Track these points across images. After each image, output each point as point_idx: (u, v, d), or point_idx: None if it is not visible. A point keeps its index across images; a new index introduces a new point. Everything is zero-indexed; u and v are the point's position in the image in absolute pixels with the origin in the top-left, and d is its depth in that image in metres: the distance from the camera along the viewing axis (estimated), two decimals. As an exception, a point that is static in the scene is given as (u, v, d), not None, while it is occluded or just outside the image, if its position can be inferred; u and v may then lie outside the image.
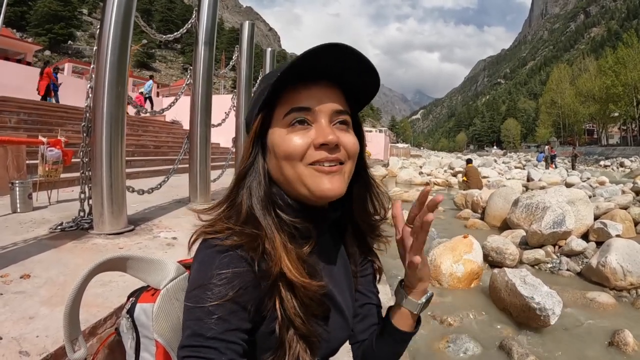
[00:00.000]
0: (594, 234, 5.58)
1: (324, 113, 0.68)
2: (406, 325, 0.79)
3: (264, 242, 0.65)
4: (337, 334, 0.78)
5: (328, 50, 0.63)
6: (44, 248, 2.53)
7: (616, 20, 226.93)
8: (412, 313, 0.78)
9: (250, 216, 0.68)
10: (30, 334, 1.44)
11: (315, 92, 0.68)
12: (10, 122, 8.08)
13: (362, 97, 0.74)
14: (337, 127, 0.69)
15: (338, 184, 0.67)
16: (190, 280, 0.65)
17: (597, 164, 38.47)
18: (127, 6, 3.07)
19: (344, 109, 0.70)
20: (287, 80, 0.66)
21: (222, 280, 0.59)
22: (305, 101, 0.67)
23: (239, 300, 0.60)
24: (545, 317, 3.20)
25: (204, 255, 0.64)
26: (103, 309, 1.64)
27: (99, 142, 3.00)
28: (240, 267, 0.61)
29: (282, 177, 0.70)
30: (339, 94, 0.71)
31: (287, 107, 0.68)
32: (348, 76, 0.68)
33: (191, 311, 0.60)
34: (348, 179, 0.71)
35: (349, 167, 0.70)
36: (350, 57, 0.65)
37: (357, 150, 0.71)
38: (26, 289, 1.83)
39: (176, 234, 3.16)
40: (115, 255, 0.81)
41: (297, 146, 0.66)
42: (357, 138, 0.75)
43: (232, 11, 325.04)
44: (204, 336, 0.57)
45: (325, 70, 0.66)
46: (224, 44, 72.45)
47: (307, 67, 0.65)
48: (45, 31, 78.04)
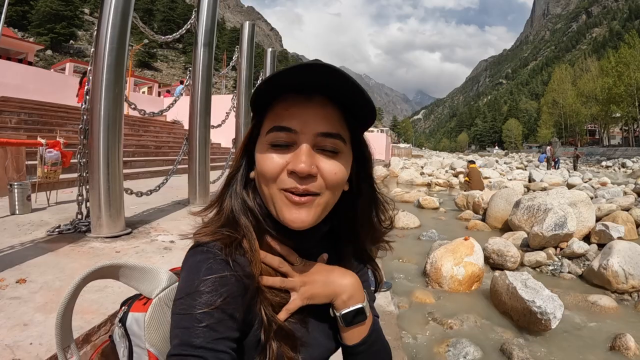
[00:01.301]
0: (596, 236, 5.55)
1: (307, 135, 0.63)
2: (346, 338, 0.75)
3: (242, 242, 0.65)
4: (327, 344, 0.77)
5: (311, 69, 0.58)
6: (41, 251, 2.52)
7: (618, 20, 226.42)
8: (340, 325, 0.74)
9: (231, 219, 0.69)
10: (24, 341, 1.43)
11: (304, 111, 0.63)
12: (10, 122, 8.07)
13: (361, 117, 0.69)
14: (321, 152, 0.64)
15: (304, 216, 0.64)
16: (178, 288, 0.64)
17: (598, 164, 38.43)
18: (124, 7, 3.05)
19: (334, 131, 0.65)
20: (269, 94, 0.64)
21: (209, 287, 0.59)
22: (289, 120, 0.63)
23: (226, 308, 0.59)
24: (546, 320, 3.18)
25: (190, 264, 0.64)
26: (98, 315, 1.63)
27: (96, 144, 2.98)
28: (226, 273, 0.61)
29: (261, 192, 0.69)
30: (333, 113, 0.65)
31: (272, 123, 0.65)
32: (345, 94, 0.63)
33: (179, 319, 0.59)
34: (323, 210, 0.66)
35: (325, 198, 0.65)
36: (339, 77, 0.59)
37: (338, 181, 0.66)
38: (22, 294, 1.82)
39: (174, 237, 3.14)
40: (108, 264, 0.79)
41: (271, 168, 0.64)
42: (360, 157, 0.73)
43: (234, 11, 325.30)
44: (192, 345, 0.56)
45: (319, 84, 0.62)
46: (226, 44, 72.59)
47: (295, 80, 0.61)
48: (47, 31, 78.20)
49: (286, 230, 0.68)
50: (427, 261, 4.52)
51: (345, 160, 0.67)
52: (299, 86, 0.63)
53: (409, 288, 4.26)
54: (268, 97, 0.65)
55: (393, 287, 4.16)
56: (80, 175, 3.32)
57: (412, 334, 3.32)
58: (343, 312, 0.72)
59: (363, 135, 0.74)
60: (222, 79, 42.86)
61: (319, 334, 0.75)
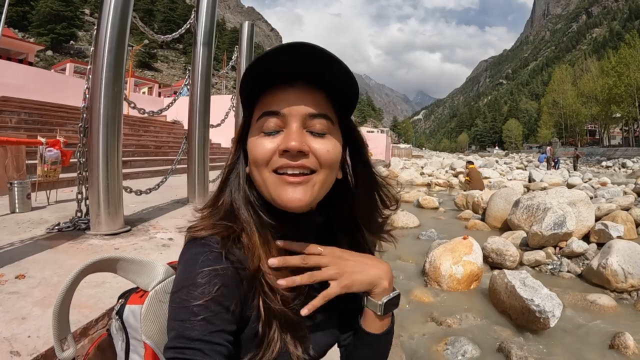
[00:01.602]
0: (595, 236, 5.55)
1: (295, 117, 0.64)
2: (374, 327, 0.75)
3: (241, 235, 0.66)
4: (326, 338, 0.77)
5: (288, 51, 0.59)
6: (40, 248, 2.53)
7: (618, 20, 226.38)
8: (376, 314, 0.73)
9: (230, 213, 0.69)
10: (22, 334, 1.44)
11: (289, 95, 0.65)
12: (11, 122, 8.09)
13: (346, 98, 0.70)
14: (310, 133, 0.65)
15: (301, 195, 0.64)
16: (175, 281, 0.64)
17: (598, 164, 38.42)
18: (124, 6, 3.06)
19: (321, 112, 0.66)
20: (253, 83, 0.65)
21: (204, 279, 0.59)
22: (276, 105, 0.64)
23: (222, 300, 0.59)
24: (545, 319, 3.18)
25: (187, 257, 0.64)
26: (95, 309, 1.64)
27: (96, 143, 2.99)
28: (222, 265, 0.61)
29: (254, 181, 0.69)
30: (319, 97, 0.66)
31: (261, 110, 0.66)
32: (328, 77, 0.64)
33: (176, 312, 0.60)
34: (320, 190, 0.67)
35: (320, 177, 0.66)
36: (320, 57, 0.61)
37: (331, 159, 0.66)
38: (20, 289, 1.83)
39: (172, 235, 3.15)
40: (106, 257, 0.80)
41: (262, 152, 0.65)
42: (351, 142, 0.74)
43: (234, 11, 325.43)
44: (189, 337, 0.57)
45: (301, 70, 0.63)
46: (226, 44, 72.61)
47: (277, 67, 0.62)
48: (47, 31, 78.31)
49: (282, 220, 0.69)
50: (426, 260, 4.53)
51: (335, 141, 0.68)
52: (282, 74, 0.64)
53: (407, 287, 4.26)
54: (255, 88, 0.66)
55: (392, 286, 4.17)
56: (79, 173, 3.33)
57: (410, 333, 3.32)
58: (385, 300, 0.72)
59: (351, 119, 0.75)
60: (222, 79, 42.88)
61: (319, 328, 0.75)
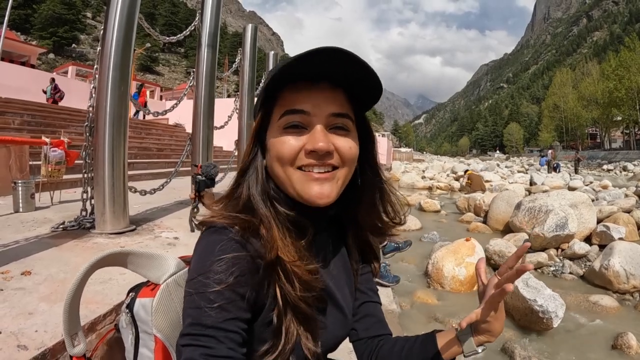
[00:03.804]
0: (597, 237, 5.55)
1: (320, 117, 0.66)
2: (448, 353, 0.75)
3: (259, 227, 0.66)
4: (336, 331, 0.77)
5: (323, 55, 0.61)
6: (45, 246, 2.54)
7: (618, 24, 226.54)
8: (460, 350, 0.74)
9: (248, 206, 0.70)
10: (29, 329, 1.44)
11: (314, 95, 0.67)
12: (14, 124, 8.10)
13: (366, 99, 0.72)
14: (334, 131, 0.68)
15: (328, 190, 0.67)
16: (191, 268, 0.65)
17: (600, 167, 38.35)
18: (130, 7, 3.09)
19: (344, 112, 0.68)
20: (282, 81, 0.66)
21: (221, 266, 0.60)
22: (301, 104, 0.66)
23: (237, 289, 0.60)
24: (548, 320, 3.18)
25: (204, 244, 0.65)
26: (102, 305, 1.64)
27: (102, 142, 3.01)
28: (239, 253, 0.62)
29: (275, 176, 0.71)
30: (341, 96, 0.69)
31: (283, 108, 0.68)
32: (351, 78, 0.67)
33: (192, 299, 0.60)
34: (342, 185, 0.70)
35: (343, 172, 0.69)
36: (348, 60, 0.63)
37: (353, 155, 0.69)
38: (26, 285, 1.84)
39: (178, 234, 3.16)
40: (116, 250, 0.81)
41: (288, 150, 0.66)
42: (364, 140, 0.75)
43: (236, 15, 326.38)
44: (204, 325, 0.58)
45: (327, 71, 0.65)
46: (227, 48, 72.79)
47: (305, 69, 0.64)
48: (49, 34, 78.47)
49: (299, 213, 0.70)
50: (429, 262, 4.53)
51: (355, 138, 0.71)
52: (308, 75, 0.65)
53: (410, 288, 4.26)
54: (277, 85, 0.68)
55: (395, 287, 4.16)
56: (85, 172, 3.35)
57: (413, 333, 3.30)
58: (481, 350, 0.73)
59: (366, 118, 0.77)
60: (223, 82, 42.97)
61: (332, 322, 0.76)
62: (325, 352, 0.76)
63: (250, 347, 0.64)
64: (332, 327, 0.76)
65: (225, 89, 42.70)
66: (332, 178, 0.67)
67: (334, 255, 0.81)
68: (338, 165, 0.67)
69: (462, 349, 0.73)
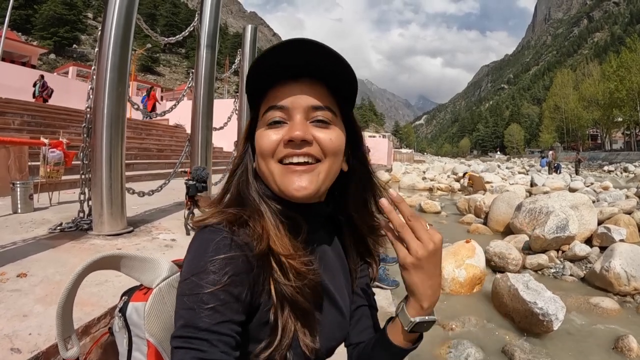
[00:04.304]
0: (598, 239, 5.54)
1: (299, 109, 0.66)
2: (399, 339, 0.70)
3: (250, 220, 0.65)
4: (334, 331, 0.76)
5: (292, 45, 0.62)
6: (43, 248, 2.53)
7: (619, 25, 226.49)
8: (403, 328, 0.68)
9: (239, 201, 0.70)
10: (23, 331, 1.43)
11: (294, 90, 0.67)
12: (13, 124, 8.10)
13: (347, 93, 0.71)
14: (315, 124, 0.67)
15: (307, 183, 0.66)
16: (184, 269, 0.63)
17: (600, 169, 38.35)
18: (128, 8, 3.08)
19: (324, 104, 0.68)
20: (262, 77, 0.67)
21: (215, 266, 0.59)
22: (281, 99, 0.67)
23: (232, 289, 0.59)
24: (548, 322, 3.17)
25: (198, 244, 0.64)
26: (97, 308, 1.63)
27: (99, 143, 3.00)
28: (233, 253, 0.61)
29: (261, 173, 0.71)
30: (321, 90, 0.69)
31: (267, 105, 0.69)
32: (328, 71, 0.67)
33: (184, 300, 0.59)
34: (325, 179, 0.68)
35: (325, 166, 0.67)
36: (321, 52, 0.63)
37: (335, 147, 0.68)
38: (22, 287, 1.83)
39: (175, 236, 3.15)
40: (109, 254, 0.80)
41: (268, 143, 0.67)
42: (351, 134, 0.75)
43: (236, 16, 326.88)
44: (197, 327, 0.56)
45: (304, 65, 0.65)
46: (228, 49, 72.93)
47: (282, 61, 0.64)
48: (50, 34, 78.69)
49: (291, 210, 0.69)
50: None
51: (338, 131, 0.70)
52: (286, 69, 0.65)
53: (410, 290, 4.24)
54: (261, 84, 0.69)
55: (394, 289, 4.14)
56: (83, 173, 3.34)
57: (413, 335, 3.30)
58: (418, 320, 0.66)
59: (352, 113, 0.76)
60: (224, 83, 43.01)
61: (330, 321, 0.74)
62: (324, 352, 0.75)
63: (245, 349, 0.63)
64: (330, 327, 0.74)
65: (225, 89, 42.76)
66: (311, 170, 0.66)
67: (333, 255, 0.79)
68: (319, 157, 0.67)
69: (401, 322, 0.68)
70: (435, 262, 0.64)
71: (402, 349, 0.70)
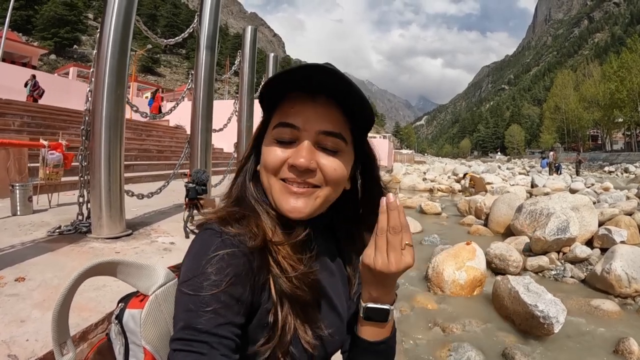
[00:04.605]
0: (599, 241, 5.52)
1: (309, 133, 0.65)
2: (366, 332, 0.71)
3: (248, 220, 0.66)
4: (333, 334, 0.75)
5: (307, 68, 0.60)
6: (41, 251, 2.52)
7: (620, 25, 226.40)
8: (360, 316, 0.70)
9: (240, 201, 0.71)
10: (20, 337, 1.42)
11: (308, 109, 0.66)
12: (14, 125, 8.11)
13: (361, 120, 0.70)
14: (322, 150, 0.66)
15: (302, 205, 0.66)
16: (184, 270, 0.63)
17: (601, 169, 38.31)
18: (127, 10, 3.07)
19: (336, 131, 0.67)
20: (277, 90, 0.67)
21: (215, 267, 0.58)
22: (293, 117, 0.66)
23: (232, 291, 0.59)
24: (548, 325, 3.16)
25: (198, 245, 0.64)
26: (95, 313, 1.62)
27: (98, 146, 2.99)
28: (233, 254, 0.61)
29: (262, 183, 0.71)
30: (336, 114, 0.67)
31: (278, 119, 0.68)
32: (345, 96, 0.65)
33: (185, 302, 0.59)
34: (322, 203, 0.68)
35: (324, 192, 0.67)
36: (339, 76, 0.61)
37: (338, 177, 0.67)
38: (20, 291, 1.82)
39: (174, 239, 3.14)
40: (105, 260, 0.79)
41: (273, 160, 0.67)
42: (364, 159, 0.75)
43: (237, 17, 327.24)
44: (197, 330, 0.56)
45: (323, 84, 0.64)
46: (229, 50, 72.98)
47: (299, 81, 0.63)
48: (51, 35, 78.77)
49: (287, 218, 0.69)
50: (429, 266, 4.50)
51: (345, 160, 0.69)
52: (304, 85, 0.64)
53: (410, 292, 4.23)
54: (276, 94, 0.68)
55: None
56: (81, 176, 3.33)
57: (413, 338, 3.29)
58: (369, 306, 0.68)
59: (367, 139, 0.76)
60: (225, 84, 43.06)
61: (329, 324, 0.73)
62: (324, 353, 0.74)
63: (244, 352, 0.62)
64: (330, 329, 0.74)
65: (226, 90, 42.80)
66: (309, 194, 0.66)
67: (330, 261, 0.79)
68: (320, 184, 0.66)
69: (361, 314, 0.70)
70: (390, 280, 0.65)
71: (369, 342, 0.71)
